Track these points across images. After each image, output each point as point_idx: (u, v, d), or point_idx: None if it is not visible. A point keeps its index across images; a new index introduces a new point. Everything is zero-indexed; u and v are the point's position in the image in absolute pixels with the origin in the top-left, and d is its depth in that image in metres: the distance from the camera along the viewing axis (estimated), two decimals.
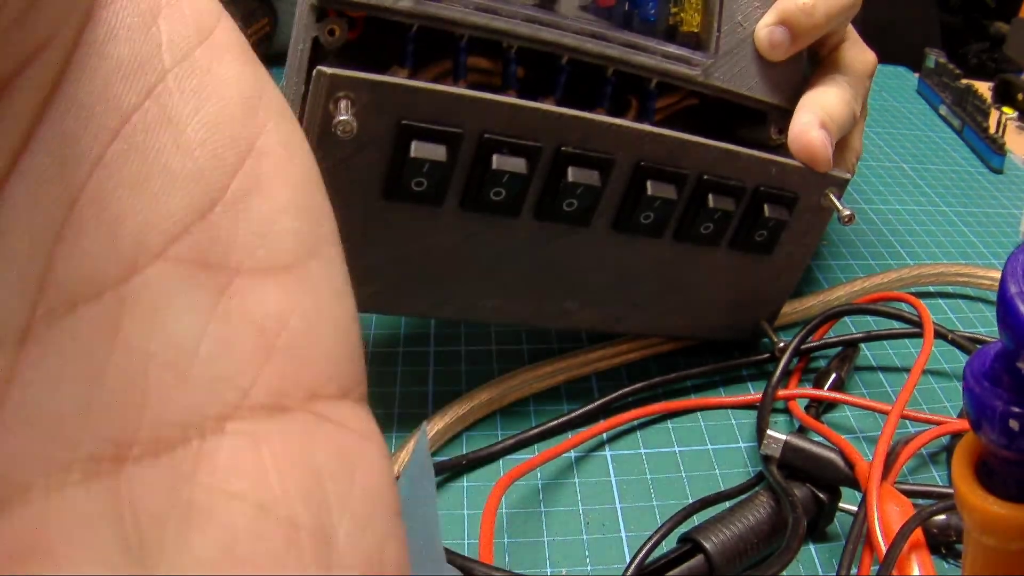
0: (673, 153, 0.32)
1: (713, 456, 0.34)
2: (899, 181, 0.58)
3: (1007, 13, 1.43)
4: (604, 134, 0.30)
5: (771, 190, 0.34)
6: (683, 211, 0.33)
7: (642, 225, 0.33)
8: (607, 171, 0.31)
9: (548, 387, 0.37)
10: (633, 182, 0.32)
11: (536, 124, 0.29)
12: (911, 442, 0.31)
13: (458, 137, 0.28)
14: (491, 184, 0.30)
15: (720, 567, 0.28)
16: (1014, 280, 0.15)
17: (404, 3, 0.29)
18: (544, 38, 0.31)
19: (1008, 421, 0.16)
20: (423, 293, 0.32)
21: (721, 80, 0.34)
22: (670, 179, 0.32)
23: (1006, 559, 0.18)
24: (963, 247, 0.50)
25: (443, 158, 0.28)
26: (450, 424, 0.34)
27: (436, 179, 0.29)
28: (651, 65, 0.33)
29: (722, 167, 0.33)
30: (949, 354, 0.40)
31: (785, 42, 0.34)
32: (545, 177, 0.31)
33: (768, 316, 0.39)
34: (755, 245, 0.35)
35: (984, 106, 0.63)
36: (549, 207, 0.31)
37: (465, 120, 0.28)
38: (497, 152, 0.29)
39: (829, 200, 0.35)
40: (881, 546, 0.26)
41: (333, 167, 0.28)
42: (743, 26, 0.34)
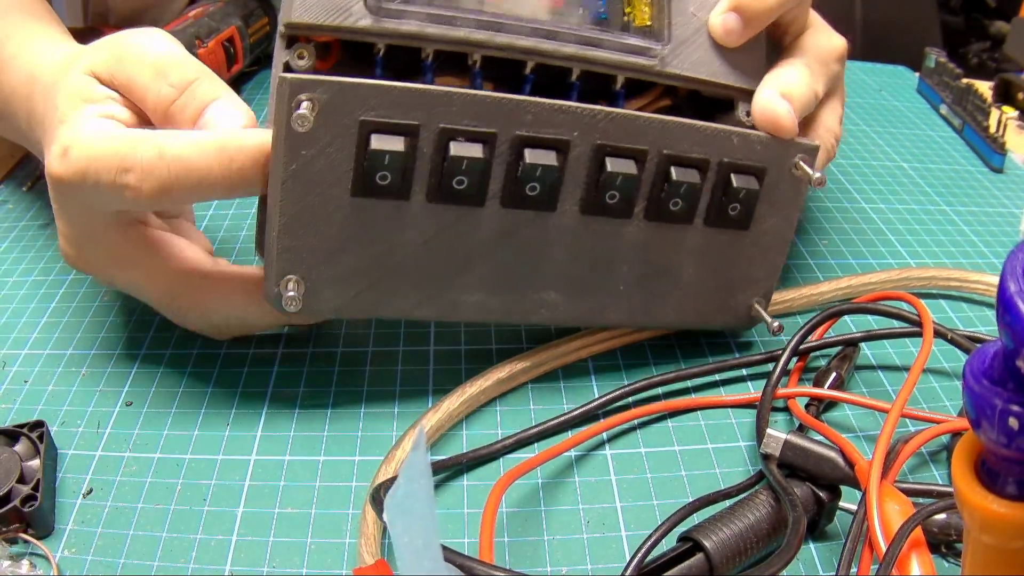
0: (629, 130, 0.33)
1: (713, 455, 0.34)
2: (899, 181, 0.58)
3: (1007, 13, 1.43)
4: (557, 116, 0.32)
5: (736, 161, 0.34)
6: (649, 189, 0.34)
7: (609, 206, 0.33)
8: (564, 152, 0.32)
9: (546, 372, 0.38)
10: (593, 162, 0.33)
11: (490, 111, 0.31)
12: (911, 441, 0.31)
13: (415, 129, 0.30)
14: (452, 173, 0.31)
15: (720, 566, 0.28)
16: (1014, 279, 0.15)
17: (363, 22, 0.31)
18: (500, 43, 0.33)
19: (1008, 420, 0.16)
20: (403, 293, 0.33)
21: (681, 68, 0.35)
22: (629, 155, 0.33)
23: (1006, 557, 0.18)
24: (963, 247, 0.50)
25: (402, 148, 0.30)
26: (443, 420, 0.34)
27: (399, 171, 0.31)
28: (609, 59, 0.34)
29: (682, 141, 0.33)
30: (949, 353, 0.40)
31: (738, 28, 0.35)
32: (505, 163, 0.32)
33: (760, 296, 0.38)
34: (730, 220, 0.36)
35: (984, 105, 0.63)
36: (512, 193, 0.32)
37: (421, 113, 0.30)
38: (454, 140, 0.31)
39: (800, 168, 0.35)
40: (881, 545, 0.26)
41: (302, 168, 0.30)
42: (696, 15, 0.35)
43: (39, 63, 0.37)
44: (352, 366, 0.38)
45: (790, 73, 0.36)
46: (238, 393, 0.36)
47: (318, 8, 0.31)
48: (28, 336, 0.40)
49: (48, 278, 0.44)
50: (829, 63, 0.38)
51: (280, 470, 0.33)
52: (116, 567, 0.29)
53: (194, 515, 0.31)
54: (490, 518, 0.27)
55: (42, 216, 0.49)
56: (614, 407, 0.36)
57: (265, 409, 0.35)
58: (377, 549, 0.29)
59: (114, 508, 0.31)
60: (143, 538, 0.30)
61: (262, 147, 0.31)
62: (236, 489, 0.32)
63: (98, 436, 0.34)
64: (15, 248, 0.46)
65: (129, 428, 0.34)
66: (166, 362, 0.38)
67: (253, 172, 0.31)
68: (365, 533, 0.29)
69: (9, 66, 0.38)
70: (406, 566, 0.22)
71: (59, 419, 0.35)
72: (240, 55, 0.61)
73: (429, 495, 0.22)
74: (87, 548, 0.29)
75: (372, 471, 0.32)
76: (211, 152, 0.30)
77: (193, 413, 0.35)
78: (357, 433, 0.34)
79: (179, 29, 0.56)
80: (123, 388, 0.36)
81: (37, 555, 0.29)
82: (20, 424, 0.32)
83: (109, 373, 0.37)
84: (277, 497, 0.32)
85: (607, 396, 0.36)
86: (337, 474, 0.33)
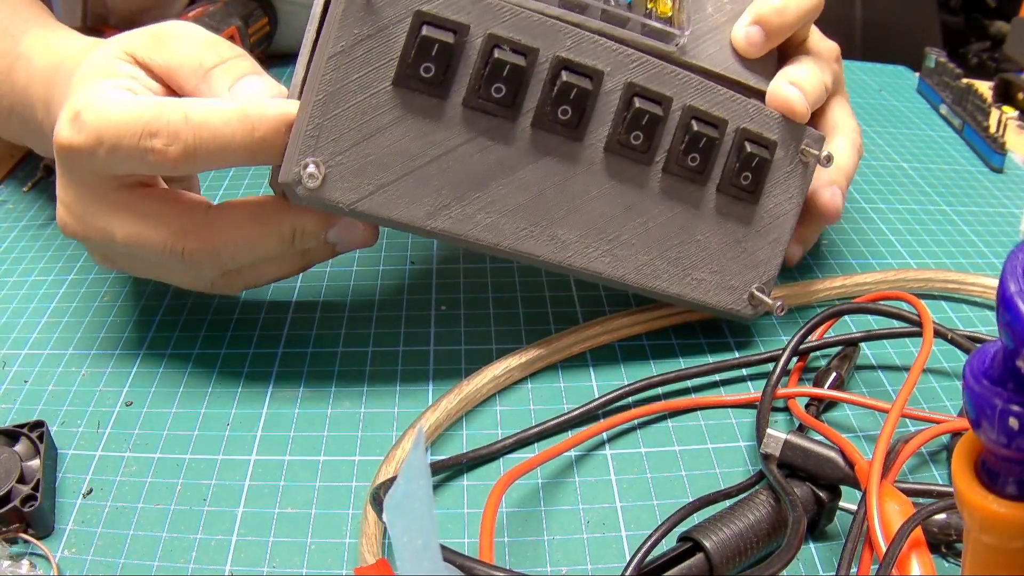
0: (658, 77, 0.35)
1: (713, 455, 0.34)
2: (899, 181, 0.58)
3: (1007, 13, 1.43)
4: (594, 48, 0.34)
5: (751, 129, 0.36)
6: (671, 140, 0.35)
7: (632, 145, 0.35)
8: (598, 82, 0.34)
9: (543, 367, 0.38)
10: (622, 100, 0.34)
11: (535, 28, 0.33)
12: (911, 441, 0.31)
13: (465, 28, 0.32)
14: (492, 78, 0.32)
15: (720, 566, 0.28)
16: (1014, 279, 0.15)
17: None
18: (532, 6, 0.33)
19: (1008, 419, 0.16)
20: (421, 197, 0.33)
21: (698, 59, 0.37)
22: (656, 100, 0.35)
23: (1006, 557, 0.18)
24: (963, 247, 0.50)
25: (451, 40, 0.31)
26: (442, 419, 0.34)
27: (443, 65, 0.32)
28: (632, 39, 0.35)
29: (705, 97, 0.36)
30: (949, 353, 0.40)
31: (760, 40, 0.38)
32: (542, 83, 0.33)
33: (761, 282, 0.39)
34: (741, 189, 0.37)
35: (984, 105, 0.63)
36: (544, 113, 0.34)
37: (473, 16, 0.32)
38: (499, 47, 0.32)
39: (807, 152, 0.37)
40: (881, 545, 0.26)
41: (351, 47, 0.31)
42: (714, 15, 0.37)
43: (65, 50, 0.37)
44: (352, 366, 0.38)
45: (798, 68, 0.39)
46: (238, 393, 0.36)
47: None
48: (28, 336, 0.40)
49: (48, 278, 0.44)
50: (831, 61, 0.41)
51: (280, 470, 0.33)
52: (116, 567, 0.29)
53: (194, 515, 0.31)
54: (490, 518, 0.27)
55: (42, 216, 0.49)
56: (614, 407, 0.36)
57: (265, 409, 0.35)
58: (378, 549, 0.29)
59: (114, 508, 0.31)
60: (143, 538, 0.30)
61: (284, 117, 0.31)
62: (236, 489, 0.32)
63: (98, 436, 0.34)
64: (15, 248, 0.46)
65: (129, 428, 0.34)
66: (166, 362, 0.38)
67: (275, 140, 0.31)
68: (366, 533, 0.29)
69: (26, 58, 0.38)
70: (406, 566, 0.22)
71: (59, 419, 0.35)
72: None
73: (428, 495, 0.22)
74: (87, 548, 0.29)
75: (372, 471, 0.32)
76: (234, 119, 0.31)
77: (193, 413, 0.35)
78: (357, 433, 0.34)
79: None
80: (123, 388, 0.36)
81: (37, 555, 0.29)
82: (20, 424, 0.32)
83: (109, 373, 0.37)
84: (277, 497, 0.32)
85: (607, 396, 0.36)
86: (337, 474, 0.33)
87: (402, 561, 0.22)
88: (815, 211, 0.41)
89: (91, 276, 0.44)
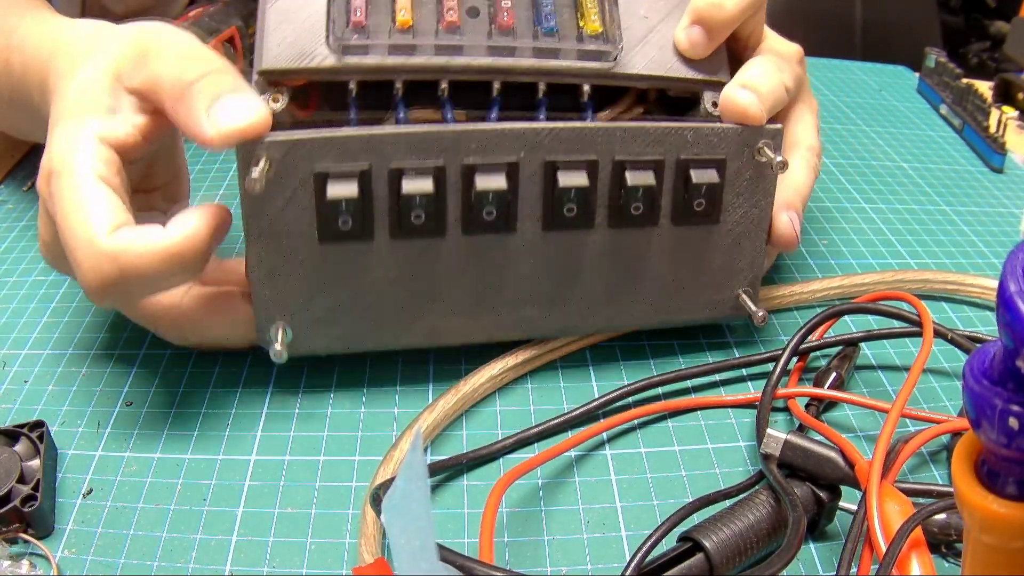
0: (577, 142, 0.33)
1: (713, 455, 0.34)
2: (899, 181, 0.58)
3: (1007, 13, 1.43)
4: (501, 139, 0.32)
5: (693, 157, 0.34)
6: (607, 196, 0.34)
7: (568, 219, 0.34)
8: (514, 173, 0.33)
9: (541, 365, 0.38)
10: (545, 179, 0.33)
11: (434, 145, 0.32)
12: (911, 441, 0.31)
13: (367, 173, 0.32)
14: (408, 209, 0.32)
15: (720, 566, 0.28)
16: (1014, 279, 0.15)
17: (327, 62, 0.33)
18: (458, 64, 0.34)
19: (1008, 419, 0.16)
20: (384, 326, 0.35)
21: (640, 68, 0.35)
22: (580, 167, 0.33)
23: (1006, 557, 0.18)
24: (963, 247, 0.50)
25: (355, 194, 0.31)
26: (439, 419, 0.34)
27: (358, 214, 0.32)
28: (567, 67, 0.35)
29: (633, 145, 0.33)
30: (949, 353, 0.40)
31: (703, 40, 0.36)
32: (459, 192, 0.33)
33: (747, 285, 0.38)
34: (698, 215, 0.35)
35: (984, 105, 0.63)
36: (470, 220, 0.33)
37: (370, 156, 0.31)
38: (405, 178, 0.32)
39: (763, 152, 0.35)
40: (881, 545, 0.26)
41: (270, 223, 0.32)
42: (647, 18, 0.36)
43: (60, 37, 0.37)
44: (352, 366, 0.38)
45: (753, 69, 0.36)
46: (238, 393, 0.36)
47: (286, 54, 0.33)
48: (28, 336, 0.40)
49: (48, 278, 0.44)
50: (792, 63, 0.39)
51: (280, 470, 0.33)
52: (116, 567, 0.29)
53: (194, 515, 0.31)
54: (490, 518, 0.27)
55: None
56: (614, 407, 0.36)
57: (265, 409, 0.35)
58: (377, 548, 0.29)
59: (114, 508, 0.31)
60: (143, 538, 0.30)
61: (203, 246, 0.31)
62: (236, 489, 0.32)
63: (98, 436, 0.34)
64: (15, 248, 0.46)
65: (129, 428, 0.34)
66: (166, 362, 0.38)
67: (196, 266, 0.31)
68: (365, 533, 0.29)
69: (20, 48, 0.38)
70: (403, 566, 0.22)
71: (59, 419, 0.35)
72: (240, 55, 0.61)
73: (426, 496, 0.22)
74: (87, 548, 0.29)
75: (372, 471, 0.32)
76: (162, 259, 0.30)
77: (193, 413, 0.35)
78: (357, 433, 0.34)
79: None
80: (123, 388, 0.36)
81: (37, 555, 0.29)
82: (20, 424, 0.32)
83: (109, 373, 0.37)
84: (277, 497, 0.32)
85: (607, 396, 0.36)
86: (337, 474, 0.33)
87: (400, 561, 0.22)
88: (770, 238, 0.38)
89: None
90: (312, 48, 0.33)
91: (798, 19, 0.92)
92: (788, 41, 0.41)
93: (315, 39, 0.33)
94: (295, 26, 0.33)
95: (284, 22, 0.33)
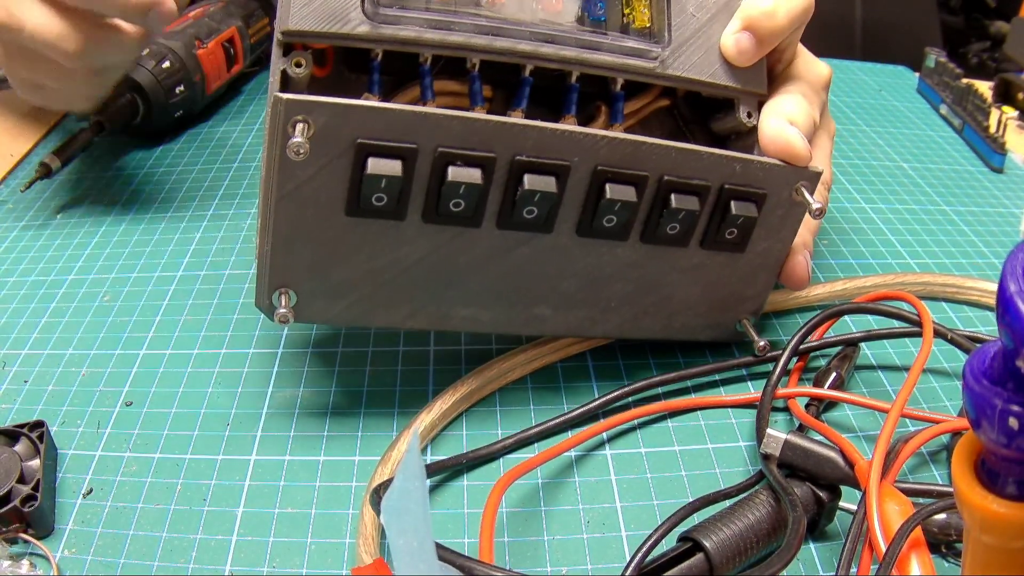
0: (630, 156, 0.32)
1: (713, 455, 0.34)
2: (899, 181, 0.58)
3: (1007, 13, 1.43)
4: (558, 141, 0.31)
5: (737, 187, 0.34)
6: (647, 213, 0.33)
7: (605, 229, 0.33)
8: (564, 177, 0.31)
9: (540, 367, 0.38)
10: (592, 187, 0.32)
11: (488, 135, 0.30)
12: (911, 441, 0.31)
13: (413, 152, 0.30)
14: (449, 196, 0.31)
15: (720, 566, 0.28)
16: (1014, 279, 0.15)
17: (361, 28, 0.31)
18: (499, 47, 0.32)
19: (1008, 419, 0.16)
20: (395, 305, 0.33)
21: (681, 70, 0.34)
22: (629, 182, 0.32)
23: (1006, 557, 0.18)
24: (963, 247, 0.50)
25: (399, 173, 0.30)
26: (437, 419, 0.34)
27: (395, 194, 0.30)
28: (609, 62, 0.33)
29: (683, 167, 0.33)
30: (949, 353, 0.40)
31: (751, 47, 0.35)
32: (503, 186, 0.31)
33: (749, 314, 0.38)
34: (726, 243, 0.35)
35: (984, 105, 0.63)
36: (509, 216, 0.32)
37: (419, 135, 0.29)
38: (452, 164, 0.30)
39: (800, 194, 0.34)
40: (881, 545, 0.26)
41: (297, 188, 0.30)
42: (696, 16, 0.35)
43: None
44: (352, 366, 0.38)
45: (790, 101, 0.36)
46: (238, 393, 0.36)
47: (315, 15, 0.30)
48: (28, 336, 0.40)
49: (48, 278, 0.44)
50: (820, 91, 0.38)
51: (280, 470, 0.33)
52: (116, 567, 0.29)
53: (194, 515, 0.31)
54: (490, 518, 0.27)
55: (42, 216, 0.49)
56: (614, 407, 0.36)
57: (265, 409, 0.35)
58: (375, 549, 0.29)
59: (114, 508, 0.31)
60: (143, 538, 0.30)
61: None
62: (236, 489, 0.32)
63: (98, 436, 0.34)
64: (15, 248, 0.46)
65: (129, 428, 0.34)
66: (166, 362, 0.38)
67: None
68: (363, 533, 0.29)
69: None
70: (402, 566, 0.22)
71: (59, 419, 0.35)
72: (240, 56, 0.61)
73: (424, 496, 0.22)
74: (87, 548, 0.29)
75: (372, 471, 0.32)
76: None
77: (193, 413, 0.35)
78: (357, 433, 0.34)
79: (179, 29, 0.56)
80: (123, 388, 0.36)
81: (37, 555, 0.29)
82: (20, 424, 0.32)
83: (109, 373, 0.37)
84: (277, 497, 0.32)
85: (607, 396, 0.36)
86: (337, 474, 0.33)
87: (399, 561, 0.22)
88: (781, 277, 0.38)
89: (91, 276, 0.44)
90: (345, 11, 0.30)
91: None
92: (819, 61, 0.39)
93: (349, 1, 0.30)
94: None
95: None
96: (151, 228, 0.48)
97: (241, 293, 0.42)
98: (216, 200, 0.50)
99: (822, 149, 0.40)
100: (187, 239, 0.47)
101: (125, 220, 0.49)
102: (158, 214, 0.49)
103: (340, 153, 0.29)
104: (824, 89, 0.39)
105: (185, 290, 0.43)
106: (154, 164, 0.55)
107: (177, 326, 0.40)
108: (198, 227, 0.48)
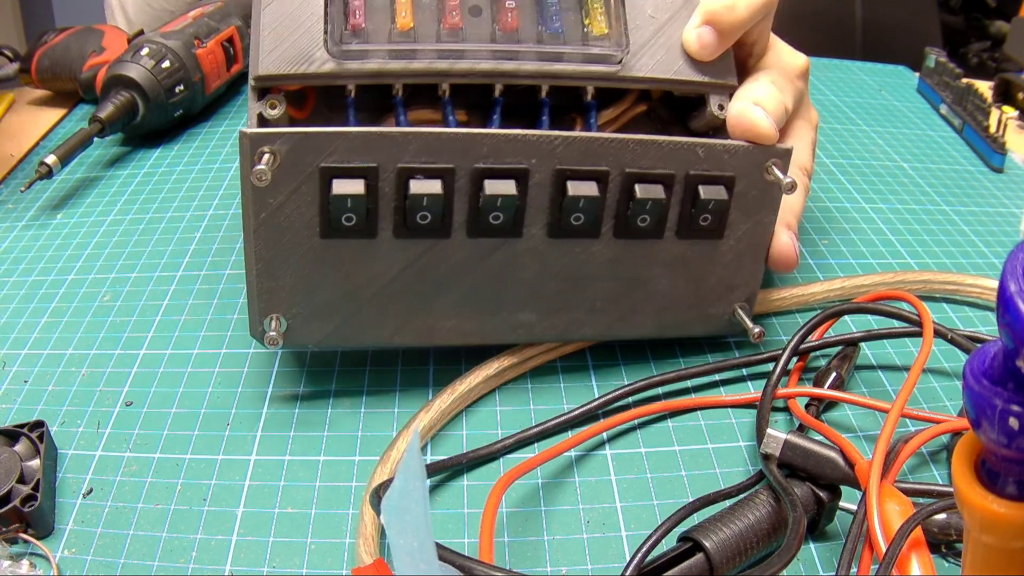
0: (588, 153, 0.33)
1: (713, 455, 0.34)
2: (899, 181, 0.58)
3: (1007, 12, 1.43)
4: (513, 145, 0.32)
5: (703, 172, 0.34)
6: (615, 207, 0.34)
7: (575, 227, 0.34)
8: (524, 180, 0.32)
9: (538, 365, 0.38)
10: (555, 187, 0.33)
11: (445, 147, 0.31)
12: (911, 441, 0.31)
13: (374, 171, 0.31)
14: (414, 209, 0.32)
15: (720, 566, 0.28)
16: (1014, 279, 0.15)
17: (327, 66, 0.33)
18: (461, 69, 0.33)
19: (1008, 419, 0.16)
20: (379, 322, 0.34)
21: (645, 71, 0.35)
22: (590, 178, 0.33)
23: (1006, 557, 0.18)
24: (963, 247, 0.50)
25: (362, 191, 0.31)
26: (436, 419, 0.34)
27: (363, 212, 0.32)
28: (572, 71, 0.34)
29: (644, 158, 0.33)
30: (949, 353, 0.40)
31: (713, 41, 0.35)
32: (467, 195, 0.32)
33: (743, 301, 0.38)
34: (702, 231, 0.35)
35: (984, 105, 0.63)
36: (476, 223, 0.33)
37: (379, 155, 0.31)
38: (413, 178, 0.31)
39: (772, 172, 0.35)
40: (881, 545, 0.26)
41: (271, 216, 0.31)
42: (655, 17, 0.35)
43: None
44: (352, 366, 0.38)
45: (757, 87, 0.36)
46: (238, 393, 0.36)
47: (283, 59, 0.32)
48: (28, 336, 0.40)
49: (48, 278, 0.44)
50: (793, 79, 0.38)
51: (280, 470, 0.33)
52: (116, 567, 0.29)
53: (194, 515, 0.31)
54: (490, 518, 0.27)
55: (42, 216, 0.49)
56: (614, 407, 0.36)
57: (265, 409, 0.35)
58: (375, 549, 0.29)
59: (114, 508, 0.31)
60: (143, 538, 0.30)
61: None
62: (236, 489, 0.32)
63: (98, 436, 0.34)
64: (15, 248, 0.46)
65: (129, 428, 0.34)
66: (166, 362, 0.38)
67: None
68: (363, 533, 0.29)
69: None
70: (402, 566, 0.22)
71: (59, 419, 0.35)
72: (240, 55, 0.61)
73: (424, 495, 0.22)
74: (87, 548, 0.29)
75: (372, 471, 0.32)
76: None
77: (193, 413, 0.35)
78: (357, 433, 0.34)
79: (179, 29, 0.56)
80: (123, 388, 0.36)
81: (37, 555, 0.29)
82: (20, 424, 0.32)
83: (109, 373, 0.37)
84: (277, 497, 0.32)
85: (607, 396, 0.36)
86: (337, 474, 0.33)
87: (398, 561, 0.22)
88: (769, 260, 0.38)
89: (91, 276, 0.44)
90: (310, 52, 0.33)
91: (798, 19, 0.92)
92: (795, 51, 0.40)
93: (312, 42, 0.32)
94: (291, 28, 0.33)
95: (280, 24, 0.33)
96: (151, 228, 0.48)
97: (241, 293, 0.42)
98: (216, 200, 0.50)
99: (802, 138, 0.40)
100: (187, 239, 0.47)
101: (125, 220, 0.49)
102: (158, 214, 0.49)
103: (306, 178, 0.31)
104: (799, 78, 0.39)
105: (185, 290, 0.43)
106: (154, 164, 0.55)
107: (177, 326, 0.40)
108: (198, 227, 0.48)
